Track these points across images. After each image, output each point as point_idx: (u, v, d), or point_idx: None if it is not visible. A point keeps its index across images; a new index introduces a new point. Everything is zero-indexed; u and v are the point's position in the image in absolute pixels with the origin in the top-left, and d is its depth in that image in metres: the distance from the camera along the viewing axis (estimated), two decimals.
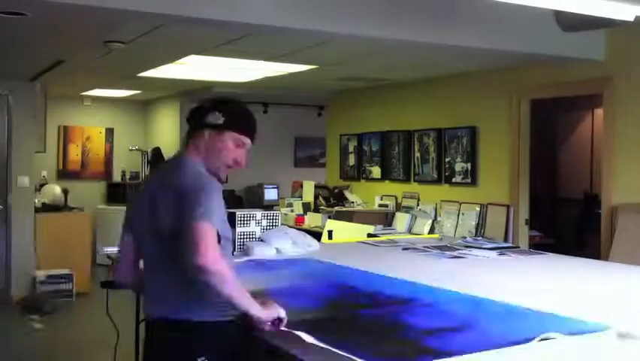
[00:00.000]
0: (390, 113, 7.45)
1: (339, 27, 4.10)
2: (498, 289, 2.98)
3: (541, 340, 2.08)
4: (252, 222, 3.94)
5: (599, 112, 6.75)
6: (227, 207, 2.49)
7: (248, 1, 3.81)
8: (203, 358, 2.26)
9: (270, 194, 9.13)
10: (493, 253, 3.99)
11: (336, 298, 2.89)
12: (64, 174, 9.78)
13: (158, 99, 9.73)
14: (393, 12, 4.21)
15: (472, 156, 6.32)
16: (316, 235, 4.52)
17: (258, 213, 3.98)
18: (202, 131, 2.43)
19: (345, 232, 5.08)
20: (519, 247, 4.82)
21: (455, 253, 3.97)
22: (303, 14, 3.96)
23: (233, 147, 2.45)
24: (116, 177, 10.07)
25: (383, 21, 4.20)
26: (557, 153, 8.10)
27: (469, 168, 6.33)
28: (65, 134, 9.90)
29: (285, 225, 4.53)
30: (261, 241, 3.89)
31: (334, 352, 2.02)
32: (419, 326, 2.34)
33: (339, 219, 6.46)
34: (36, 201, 7.68)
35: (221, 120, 2.43)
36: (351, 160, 8.06)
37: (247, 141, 2.49)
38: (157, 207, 2.34)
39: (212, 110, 2.44)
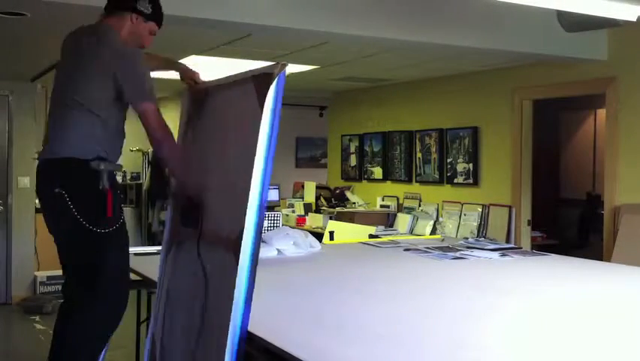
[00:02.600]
0: (391, 113, 7.44)
1: (339, 27, 4.09)
2: (499, 290, 2.96)
3: None
4: None
5: (601, 112, 6.73)
6: None
7: (248, 1, 3.80)
8: (58, 189, 2.66)
9: (271, 195, 9.12)
10: (495, 254, 3.97)
11: None
12: None
13: (158, 100, 9.69)
14: (394, 12, 4.20)
15: (474, 157, 6.30)
16: (317, 236, 4.50)
17: None
18: (128, 15, 2.85)
19: (347, 232, 5.07)
20: (521, 248, 4.80)
21: (457, 254, 3.95)
22: (303, 14, 3.95)
23: (147, 34, 2.91)
24: (117, 178, 10.05)
25: (384, 21, 4.19)
26: (559, 154, 8.07)
27: (471, 168, 6.32)
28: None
29: (286, 226, 4.53)
30: (262, 242, 3.87)
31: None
32: None
33: (341, 220, 6.46)
34: (36, 201, 7.66)
35: (149, 10, 2.89)
36: (353, 161, 8.04)
37: (157, 30, 2.96)
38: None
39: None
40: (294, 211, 7.54)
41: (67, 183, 2.70)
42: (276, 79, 2.12)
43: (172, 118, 8.91)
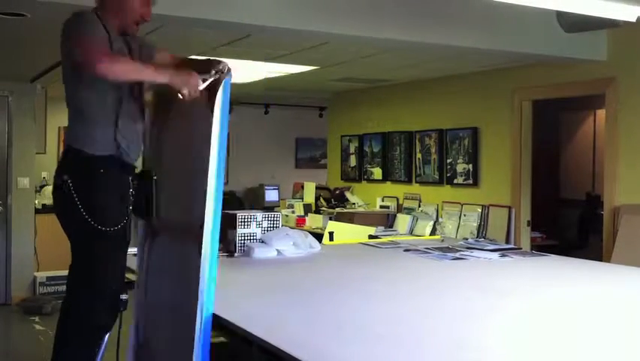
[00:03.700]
0: (391, 113, 7.44)
1: (339, 28, 4.09)
2: (499, 291, 2.96)
3: None
4: (253, 224, 3.91)
5: (601, 113, 6.73)
6: (229, 209, 2.69)
7: (248, 1, 3.80)
8: (66, 176, 2.66)
9: (271, 195, 9.12)
10: (495, 255, 3.98)
11: None
12: None
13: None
14: (393, 12, 4.20)
15: (473, 157, 6.30)
16: (317, 237, 4.50)
17: (259, 215, 3.96)
18: None
19: (347, 233, 5.07)
20: (521, 249, 4.81)
21: (457, 255, 3.95)
22: (303, 15, 3.95)
23: (139, 5, 2.73)
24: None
25: (384, 21, 4.19)
26: (559, 154, 8.07)
27: (471, 169, 6.32)
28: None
29: (285, 226, 4.52)
30: (262, 242, 3.87)
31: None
32: None
33: (340, 221, 6.45)
34: (36, 202, 7.67)
35: None
36: (353, 161, 8.04)
37: None
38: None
39: None
40: (293, 212, 7.54)
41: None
42: (222, 83, 2.44)
43: None
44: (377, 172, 7.59)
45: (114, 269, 2.78)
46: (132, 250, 3.55)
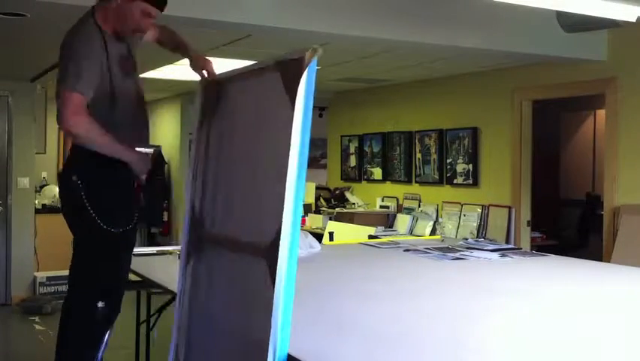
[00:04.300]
0: (391, 114, 7.44)
1: (339, 28, 4.09)
2: (498, 291, 2.96)
3: None
4: None
5: (601, 113, 6.73)
6: None
7: (248, 1, 3.80)
8: (75, 176, 2.68)
9: None
10: (495, 255, 3.97)
11: None
12: None
13: (158, 101, 9.71)
14: (393, 12, 4.20)
15: (473, 157, 6.30)
16: (317, 237, 4.50)
17: None
18: None
19: (346, 233, 5.07)
20: (521, 249, 4.80)
21: (457, 255, 3.95)
22: (303, 15, 3.95)
23: (139, 16, 2.71)
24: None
25: (384, 21, 4.19)
26: (559, 154, 8.08)
27: (471, 169, 6.32)
28: (66, 136, 9.88)
29: None
30: None
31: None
32: None
33: (340, 221, 6.45)
34: (36, 202, 7.67)
35: None
36: (353, 161, 8.04)
37: (155, 12, 2.75)
38: None
39: None
40: None
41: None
42: (307, 68, 1.84)
43: (172, 117, 8.91)
44: (377, 172, 7.59)
45: (117, 270, 2.78)
46: (139, 250, 3.53)
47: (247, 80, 2.26)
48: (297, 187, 1.78)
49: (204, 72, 2.67)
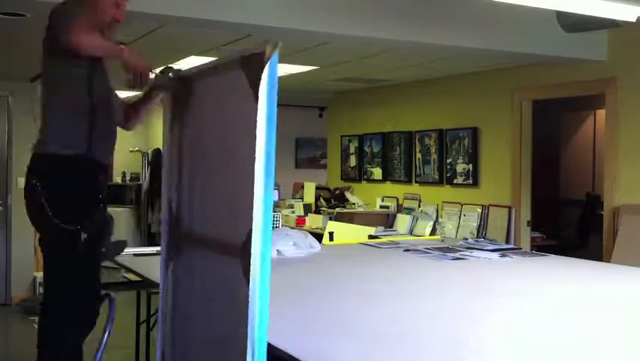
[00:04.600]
0: (391, 114, 7.44)
1: (339, 28, 4.09)
2: (498, 291, 2.96)
3: None
4: None
5: (601, 113, 6.73)
6: None
7: (248, 1, 3.80)
8: (34, 181, 2.69)
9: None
10: (495, 255, 3.97)
11: None
12: None
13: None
14: (393, 12, 4.20)
15: (473, 157, 6.30)
16: (317, 237, 4.50)
17: None
18: None
19: (346, 233, 5.07)
20: (521, 249, 4.80)
21: (457, 255, 3.95)
22: (303, 15, 3.95)
23: (110, 5, 2.75)
24: (116, 179, 10.05)
25: (384, 21, 4.19)
26: (559, 154, 8.08)
27: (471, 169, 6.32)
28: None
29: (286, 226, 4.53)
30: None
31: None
32: None
33: (340, 221, 6.45)
34: None
35: None
36: (352, 161, 8.04)
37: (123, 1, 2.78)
38: None
39: None
40: (293, 212, 7.54)
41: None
42: (268, 62, 1.84)
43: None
44: (377, 172, 7.60)
45: (85, 272, 2.78)
46: (132, 250, 3.53)
47: (213, 77, 2.25)
48: (265, 183, 1.74)
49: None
